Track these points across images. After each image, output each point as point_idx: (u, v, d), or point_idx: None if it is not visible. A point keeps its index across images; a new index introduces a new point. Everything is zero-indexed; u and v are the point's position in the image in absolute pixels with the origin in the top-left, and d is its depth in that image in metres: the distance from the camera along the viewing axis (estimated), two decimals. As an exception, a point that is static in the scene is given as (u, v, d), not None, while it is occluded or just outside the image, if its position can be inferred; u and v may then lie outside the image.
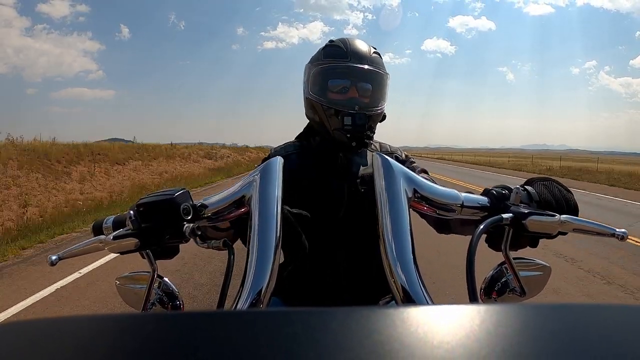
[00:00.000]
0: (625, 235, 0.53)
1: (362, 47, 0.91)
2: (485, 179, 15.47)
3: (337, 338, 0.20)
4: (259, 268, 0.47)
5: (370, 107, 0.90)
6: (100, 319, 0.26)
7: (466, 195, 0.59)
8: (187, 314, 0.26)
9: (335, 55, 0.91)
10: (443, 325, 0.21)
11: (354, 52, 0.89)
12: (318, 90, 0.92)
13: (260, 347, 0.19)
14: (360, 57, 0.89)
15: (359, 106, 0.88)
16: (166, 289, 0.67)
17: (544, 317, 0.22)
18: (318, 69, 0.92)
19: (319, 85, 0.92)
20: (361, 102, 0.89)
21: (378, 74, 0.91)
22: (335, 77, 0.90)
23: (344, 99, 0.89)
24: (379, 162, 0.55)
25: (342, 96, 0.89)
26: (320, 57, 0.93)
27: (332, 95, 0.90)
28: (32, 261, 4.24)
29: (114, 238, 0.57)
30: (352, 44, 0.92)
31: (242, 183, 0.57)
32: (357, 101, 0.89)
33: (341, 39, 0.94)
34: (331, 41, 0.95)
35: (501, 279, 0.64)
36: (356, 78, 0.89)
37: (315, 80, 0.92)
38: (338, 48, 0.91)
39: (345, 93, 0.89)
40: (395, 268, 0.47)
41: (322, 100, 0.90)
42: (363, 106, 0.89)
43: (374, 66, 0.90)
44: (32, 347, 0.21)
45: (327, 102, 0.89)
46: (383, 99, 0.93)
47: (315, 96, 0.91)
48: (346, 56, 0.89)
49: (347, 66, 0.89)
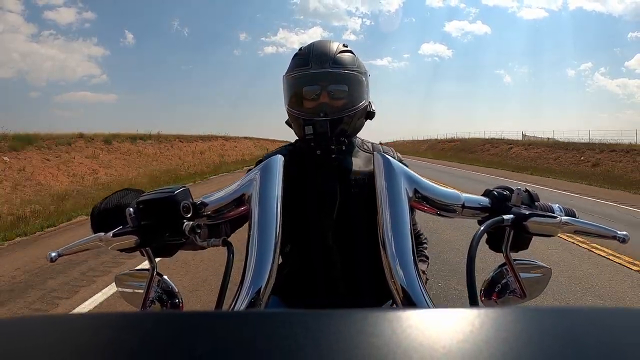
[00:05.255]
0: (627, 237, 0.53)
1: (326, 49, 0.89)
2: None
3: (336, 340, 0.19)
4: (258, 267, 0.47)
5: (343, 109, 0.88)
6: (98, 317, 0.26)
7: (467, 196, 0.59)
8: (185, 314, 0.26)
9: (299, 63, 0.90)
10: (442, 328, 0.21)
11: (316, 57, 0.88)
12: (288, 101, 0.92)
13: (258, 348, 0.19)
14: (322, 61, 0.87)
15: (325, 112, 0.86)
16: (165, 287, 0.67)
17: (544, 320, 0.22)
18: (286, 80, 0.92)
19: (289, 96, 0.92)
20: (332, 107, 0.87)
21: (345, 74, 0.88)
22: (302, 86, 0.89)
23: (315, 106, 0.88)
24: (380, 162, 0.55)
25: (314, 103, 0.88)
26: (290, 68, 0.92)
27: (306, 103, 0.89)
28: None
29: (113, 235, 0.56)
30: (316, 49, 0.90)
31: (242, 181, 0.57)
32: (327, 106, 0.87)
33: (309, 44, 0.93)
34: (300, 49, 0.94)
35: (501, 281, 0.64)
36: (324, 83, 0.87)
37: (287, 91, 0.92)
38: (302, 56, 0.90)
39: (317, 99, 0.88)
40: (395, 269, 0.47)
41: (292, 110, 0.90)
42: (333, 110, 0.87)
43: (339, 67, 0.87)
44: (30, 344, 0.21)
45: (295, 112, 0.89)
46: (359, 97, 0.90)
47: (289, 107, 0.92)
48: (307, 63, 0.88)
49: (308, 74, 0.88)
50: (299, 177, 0.89)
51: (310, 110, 0.88)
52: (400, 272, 0.47)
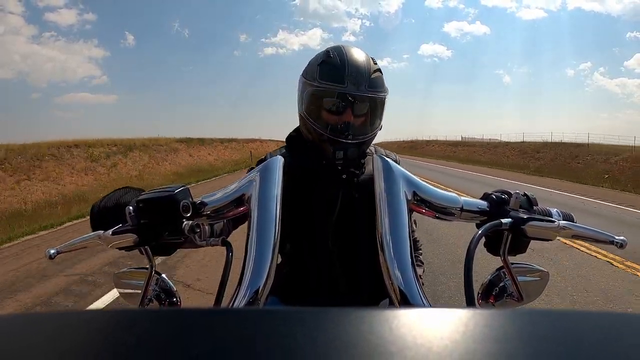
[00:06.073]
0: (625, 242, 0.53)
1: (362, 67, 0.84)
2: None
3: (333, 338, 0.20)
4: (257, 266, 0.47)
5: (365, 129, 0.87)
6: (96, 314, 0.26)
7: (466, 199, 0.59)
8: (183, 311, 0.26)
9: (332, 78, 0.84)
10: (439, 328, 0.21)
11: (352, 76, 0.83)
12: (312, 112, 0.87)
13: (256, 345, 0.19)
14: (358, 82, 0.83)
15: (352, 133, 0.84)
16: (164, 285, 0.67)
17: (539, 322, 0.22)
18: (312, 89, 0.86)
19: (313, 107, 0.87)
20: (356, 126, 0.86)
21: (377, 98, 0.86)
22: (331, 100, 0.85)
23: (337, 122, 0.85)
24: (379, 164, 0.55)
25: (337, 118, 0.85)
26: (315, 76, 0.86)
27: (327, 115, 0.86)
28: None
29: (112, 233, 0.57)
30: (351, 63, 0.84)
31: (241, 182, 0.57)
32: (352, 126, 0.85)
33: (339, 51, 0.87)
34: (328, 54, 0.87)
35: (499, 284, 0.64)
36: (353, 103, 0.84)
37: (310, 101, 0.87)
38: (334, 68, 0.84)
39: (340, 114, 0.85)
40: (392, 270, 0.47)
41: (316, 125, 0.86)
42: (357, 130, 0.86)
43: (373, 91, 0.84)
44: (28, 341, 0.21)
45: (321, 128, 0.85)
46: (380, 118, 0.89)
47: (310, 119, 0.87)
48: (343, 81, 0.83)
49: (344, 93, 0.83)
50: (302, 178, 0.90)
51: (333, 127, 0.85)
52: (398, 274, 0.47)
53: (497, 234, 0.58)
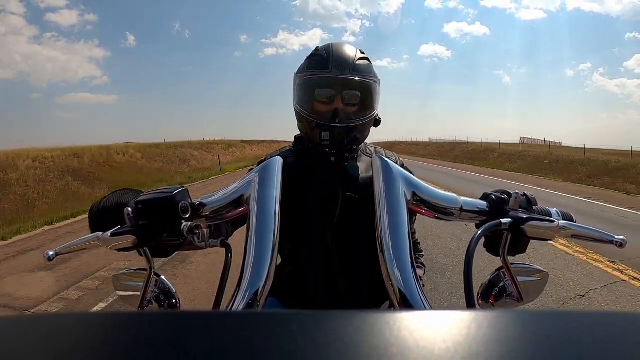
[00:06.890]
0: (624, 242, 0.52)
1: (346, 54, 0.88)
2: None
3: (334, 341, 0.19)
4: (256, 268, 0.47)
5: (355, 117, 0.87)
6: (94, 316, 0.26)
7: (465, 200, 0.59)
8: (182, 313, 0.26)
9: (318, 65, 0.88)
10: (439, 330, 0.21)
11: (336, 61, 0.86)
12: (302, 102, 0.90)
13: (255, 348, 0.19)
14: (342, 67, 0.86)
15: (340, 118, 0.85)
16: (163, 287, 0.66)
17: (540, 323, 0.22)
18: (301, 80, 0.90)
19: (303, 97, 0.90)
20: (346, 113, 0.87)
21: (363, 82, 0.87)
22: (318, 88, 0.87)
23: (328, 110, 0.86)
24: (378, 165, 0.55)
25: (327, 107, 0.87)
26: (304, 67, 0.91)
27: (317, 105, 0.88)
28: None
29: (111, 235, 0.56)
30: (336, 52, 0.88)
31: (240, 182, 0.57)
32: (341, 112, 0.86)
33: (326, 45, 0.91)
34: (316, 49, 0.92)
35: (499, 284, 0.64)
36: (339, 88, 0.86)
37: (299, 91, 0.90)
38: (320, 58, 0.89)
39: (330, 103, 0.87)
40: (392, 271, 0.47)
41: (304, 112, 0.88)
42: (347, 117, 0.86)
43: (358, 74, 0.86)
44: (23, 344, 0.21)
45: (308, 114, 0.87)
46: (371, 106, 0.90)
47: (300, 108, 0.90)
48: (327, 67, 0.86)
49: (327, 77, 0.86)
50: (303, 179, 0.90)
51: (323, 114, 0.87)
52: (397, 275, 0.47)
53: (497, 234, 0.58)
